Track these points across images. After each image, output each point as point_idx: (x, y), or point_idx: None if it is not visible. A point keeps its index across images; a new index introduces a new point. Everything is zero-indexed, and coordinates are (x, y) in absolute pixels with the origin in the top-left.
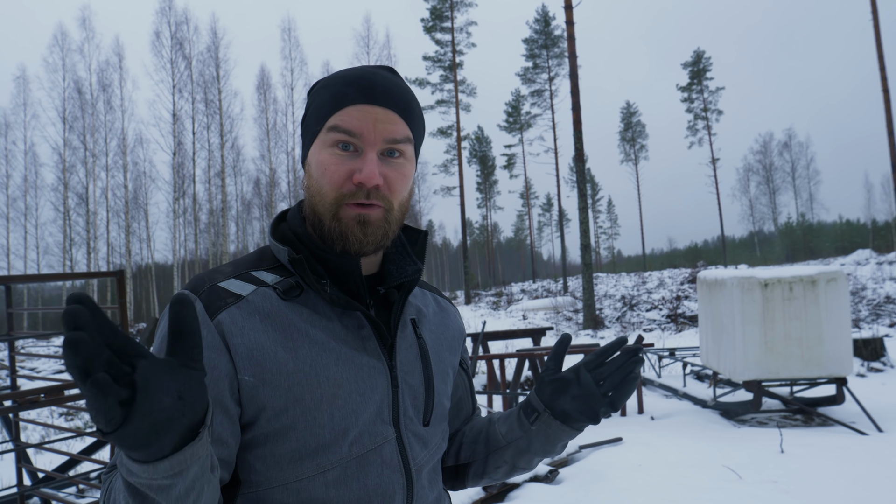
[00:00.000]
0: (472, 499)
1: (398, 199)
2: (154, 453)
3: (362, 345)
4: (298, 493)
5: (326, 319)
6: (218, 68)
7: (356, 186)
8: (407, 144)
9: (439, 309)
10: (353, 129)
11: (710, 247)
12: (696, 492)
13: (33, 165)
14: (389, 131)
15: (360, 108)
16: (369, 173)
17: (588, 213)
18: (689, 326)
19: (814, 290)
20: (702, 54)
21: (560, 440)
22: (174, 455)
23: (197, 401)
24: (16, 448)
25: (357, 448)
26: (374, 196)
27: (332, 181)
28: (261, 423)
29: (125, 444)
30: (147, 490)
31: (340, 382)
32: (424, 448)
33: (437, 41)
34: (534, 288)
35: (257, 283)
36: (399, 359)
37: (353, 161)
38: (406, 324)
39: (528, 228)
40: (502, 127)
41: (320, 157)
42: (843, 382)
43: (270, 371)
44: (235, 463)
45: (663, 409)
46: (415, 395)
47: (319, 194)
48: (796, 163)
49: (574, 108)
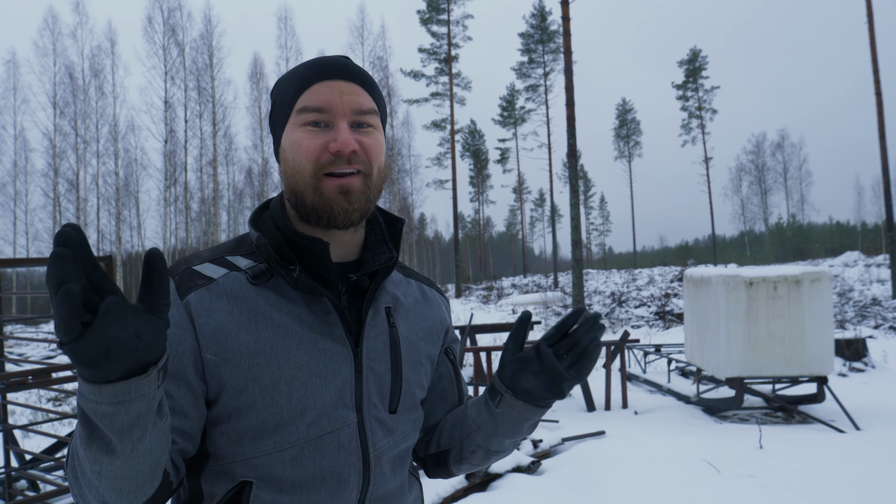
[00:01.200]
0: (455, 488)
1: (376, 164)
2: (101, 375)
3: (328, 330)
4: (257, 469)
5: (293, 304)
6: (211, 56)
7: (333, 155)
8: (374, 116)
9: (423, 298)
10: (322, 104)
11: (700, 245)
12: (675, 485)
13: (23, 151)
14: (356, 102)
15: (325, 83)
16: (344, 140)
17: (580, 210)
18: (676, 324)
19: (798, 289)
20: (698, 52)
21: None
22: (119, 382)
23: (153, 343)
24: (3, 430)
25: (315, 430)
26: (354, 160)
27: (309, 154)
28: (223, 400)
29: (77, 357)
30: (93, 416)
31: (300, 365)
32: (388, 435)
33: (432, 33)
34: (524, 283)
35: (230, 268)
36: (366, 346)
37: (327, 134)
38: (378, 311)
39: (521, 223)
40: (496, 121)
41: (293, 137)
42: (823, 381)
43: (231, 351)
44: (203, 437)
45: (647, 404)
46: (381, 382)
47: (297, 171)
48: (788, 164)
49: (568, 105)
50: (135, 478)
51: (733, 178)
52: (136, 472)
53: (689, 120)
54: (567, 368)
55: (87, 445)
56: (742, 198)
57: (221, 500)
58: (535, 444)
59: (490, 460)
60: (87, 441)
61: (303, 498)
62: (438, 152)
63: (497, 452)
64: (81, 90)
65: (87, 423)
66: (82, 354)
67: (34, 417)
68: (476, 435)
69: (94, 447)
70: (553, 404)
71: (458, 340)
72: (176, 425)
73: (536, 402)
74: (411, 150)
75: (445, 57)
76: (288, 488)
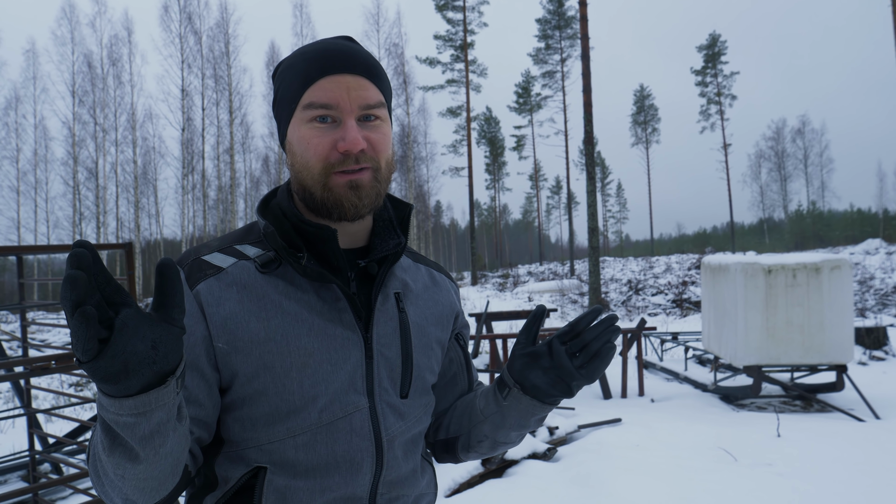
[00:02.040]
0: (472, 474)
1: (384, 158)
2: (121, 390)
3: (338, 316)
4: (270, 454)
5: (302, 291)
6: (227, 44)
7: (342, 155)
8: (381, 108)
9: (432, 283)
10: (329, 101)
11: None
12: (692, 472)
13: (43, 139)
14: (363, 97)
15: (330, 79)
16: (353, 140)
17: (597, 197)
18: (693, 312)
19: (817, 277)
20: (717, 37)
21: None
22: (139, 395)
23: (170, 353)
24: (27, 414)
25: (327, 415)
26: (362, 159)
27: (318, 153)
28: (235, 387)
29: (96, 375)
30: (115, 426)
31: (311, 352)
32: (400, 419)
33: (448, 20)
34: (540, 270)
35: (239, 257)
36: (376, 331)
37: (334, 131)
38: (388, 297)
39: (537, 211)
40: (512, 108)
41: (300, 133)
42: (843, 370)
43: (242, 339)
44: (217, 424)
45: (664, 392)
46: (391, 367)
47: (306, 168)
48: (809, 150)
49: (585, 91)
50: (157, 478)
51: (752, 165)
52: (158, 473)
53: (708, 106)
54: (578, 368)
55: (111, 453)
56: (761, 185)
57: (235, 484)
58: (550, 431)
59: (497, 450)
60: (110, 449)
61: (316, 482)
62: (454, 139)
63: (504, 444)
64: (100, 79)
65: (108, 431)
66: (101, 372)
67: (57, 402)
68: (483, 425)
69: (118, 454)
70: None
71: (468, 326)
72: (191, 415)
73: (544, 398)
74: (427, 137)
75: (461, 43)
76: (302, 473)
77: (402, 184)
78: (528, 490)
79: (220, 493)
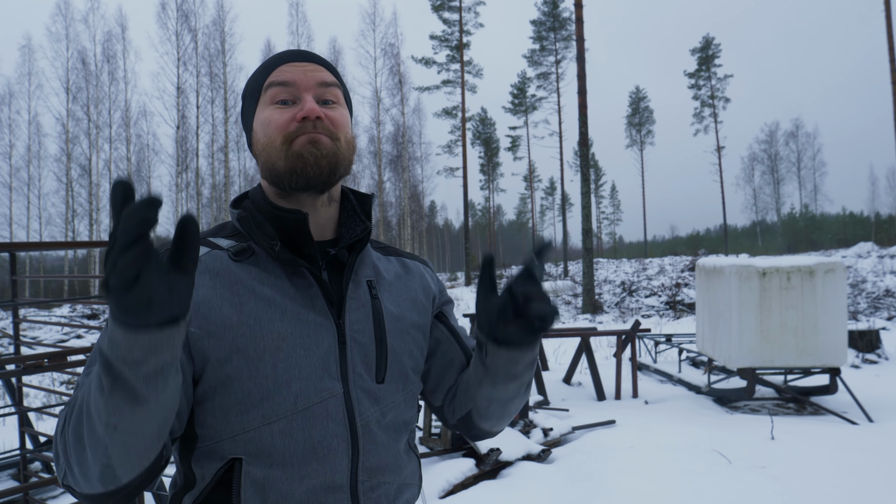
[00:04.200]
0: (465, 475)
1: (343, 134)
2: (142, 320)
3: (311, 303)
4: (246, 444)
5: (275, 278)
6: (223, 42)
7: (300, 122)
8: (336, 89)
9: (404, 271)
10: (287, 79)
11: (712, 235)
12: (686, 474)
13: (37, 135)
14: (318, 77)
15: (290, 64)
16: (310, 107)
17: (591, 198)
18: (687, 314)
19: (811, 280)
20: (711, 40)
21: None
22: (154, 331)
23: (183, 298)
24: (18, 412)
25: (302, 401)
26: (320, 127)
27: (278, 126)
28: (207, 374)
29: (122, 304)
30: (120, 364)
31: (284, 336)
32: (375, 404)
33: (444, 20)
34: None
35: (212, 247)
36: (348, 317)
37: (294, 108)
38: (360, 284)
39: (531, 211)
40: (507, 109)
41: (263, 115)
42: (836, 373)
43: (215, 323)
44: (189, 418)
45: (658, 394)
46: (365, 352)
47: (269, 143)
48: (802, 153)
49: (580, 93)
50: (147, 434)
51: (745, 168)
52: (149, 429)
53: (702, 108)
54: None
55: (110, 394)
56: (754, 187)
57: (212, 480)
58: (545, 433)
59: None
60: (110, 390)
61: (294, 471)
62: (449, 140)
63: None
64: (94, 76)
65: (110, 372)
66: (129, 301)
67: (48, 400)
68: (482, 388)
69: (117, 396)
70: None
71: (451, 302)
72: None
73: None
74: (422, 137)
75: (457, 44)
76: (279, 462)
77: (396, 183)
78: (523, 491)
79: (197, 491)
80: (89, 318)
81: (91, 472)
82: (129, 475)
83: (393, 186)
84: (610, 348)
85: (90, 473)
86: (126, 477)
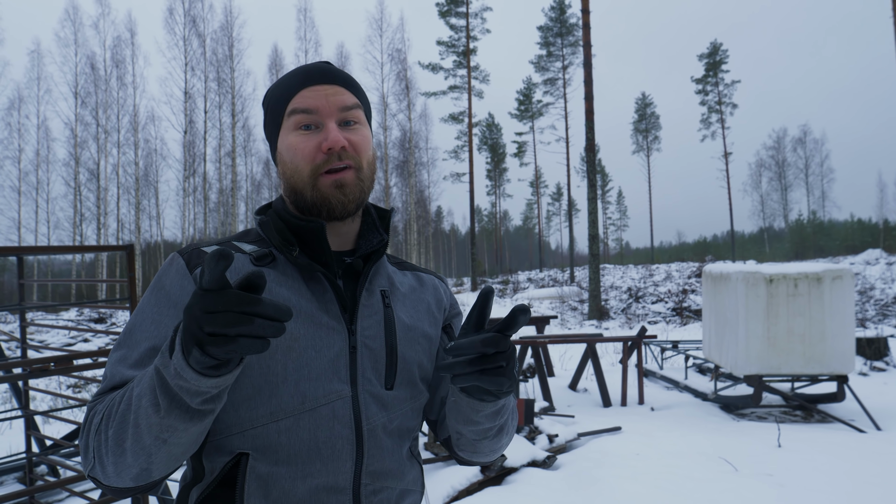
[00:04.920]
0: (470, 481)
1: (365, 158)
2: (222, 371)
3: (325, 307)
4: (253, 440)
5: (293, 281)
6: (231, 47)
7: (326, 154)
8: (358, 110)
9: (419, 284)
10: (310, 106)
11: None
12: (692, 482)
13: (45, 140)
14: (340, 101)
15: (311, 89)
16: (334, 138)
17: (597, 204)
18: (693, 320)
19: (819, 287)
20: (718, 46)
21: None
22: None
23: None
24: (25, 415)
25: (310, 401)
26: (344, 156)
27: (305, 156)
28: None
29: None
30: (184, 393)
31: (297, 337)
32: (383, 409)
33: (451, 26)
34: (540, 277)
35: (235, 251)
36: (360, 324)
37: (318, 135)
38: (373, 293)
39: (537, 217)
40: (513, 115)
41: (288, 141)
42: (844, 380)
43: None
44: None
45: (664, 401)
46: (376, 358)
47: (296, 172)
48: (810, 160)
49: (587, 98)
50: (191, 443)
51: (753, 174)
52: (194, 438)
53: (709, 115)
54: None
55: (167, 414)
56: (762, 193)
57: (219, 474)
58: (550, 439)
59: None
60: (167, 410)
61: (298, 469)
62: (456, 145)
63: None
64: (103, 80)
65: (168, 395)
66: (218, 359)
67: (55, 403)
68: (451, 421)
69: (174, 416)
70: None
71: (460, 315)
72: None
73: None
74: (429, 142)
75: (464, 50)
76: (284, 459)
77: (403, 189)
78: (527, 498)
79: (204, 485)
80: (96, 321)
81: (127, 472)
82: (161, 475)
83: (399, 192)
84: (616, 354)
85: (125, 473)
86: (158, 476)
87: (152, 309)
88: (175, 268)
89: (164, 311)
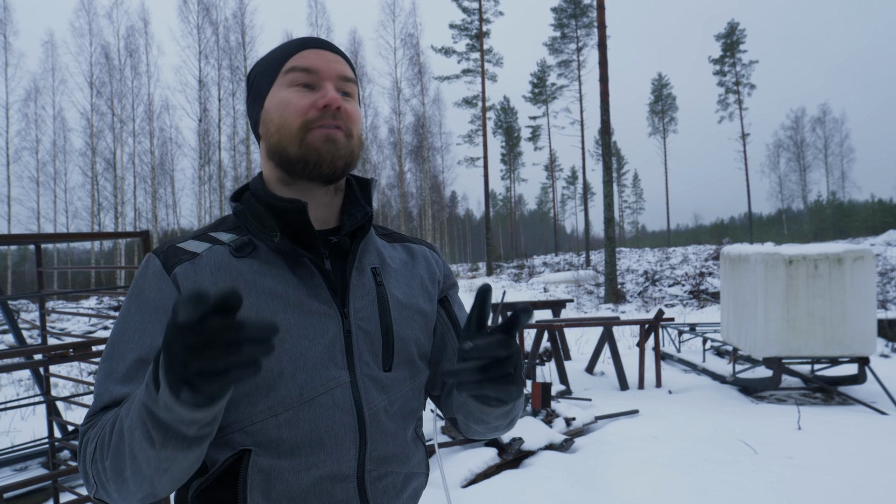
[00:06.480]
0: (488, 464)
1: (355, 129)
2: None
3: (314, 292)
4: (254, 436)
5: (277, 269)
6: (244, 35)
7: (320, 111)
8: (354, 86)
9: (410, 258)
10: (311, 65)
11: (736, 224)
12: (710, 464)
13: (62, 130)
14: (341, 69)
15: (314, 50)
16: (333, 96)
17: (613, 187)
18: (711, 303)
19: (840, 268)
20: (736, 26)
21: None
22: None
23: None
24: (46, 401)
25: (308, 392)
26: (338, 117)
27: (297, 110)
28: None
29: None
30: (178, 424)
31: (288, 327)
32: (383, 392)
33: (464, 9)
34: (556, 261)
35: (213, 242)
36: (353, 306)
37: (314, 94)
38: (364, 271)
39: (552, 201)
40: (527, 98)
41: (281, 95)
42: (865, 362)
43: None
44: None
45: (681, 384)
46: (371, 340)
47: (284, 125)
48: (829, 139)
49: (602, 80)
50: (193, 463)
51: (771, 155)
52: (195, 459)
53: (726, 95)
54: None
55: (163, 447)
56: (780, 175)
57: (220, 467)
58: (567, 423)
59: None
60: (163, 444)
61: (301, 461)
62: (469, 129)
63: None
64: (117, 70)
65: (160, 428)
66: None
67: (76, 389)
68: (461, 416)
69: (171, 447)
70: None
71: (455, 285)
72: None
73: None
74: (442, 127)
75: (476, 33)
76: (286, 452)
77: (417, 174)
78: (545, 480)
79: (205, 477)
80: (116, 309)
81: (132, 497)
82: (168, 493)
83: (413, 177)
84: (633, 338)
85: (131, 497)
86: (165, 495)
87: (134, 317)
88: (152, 270)
89: (146, 317)
